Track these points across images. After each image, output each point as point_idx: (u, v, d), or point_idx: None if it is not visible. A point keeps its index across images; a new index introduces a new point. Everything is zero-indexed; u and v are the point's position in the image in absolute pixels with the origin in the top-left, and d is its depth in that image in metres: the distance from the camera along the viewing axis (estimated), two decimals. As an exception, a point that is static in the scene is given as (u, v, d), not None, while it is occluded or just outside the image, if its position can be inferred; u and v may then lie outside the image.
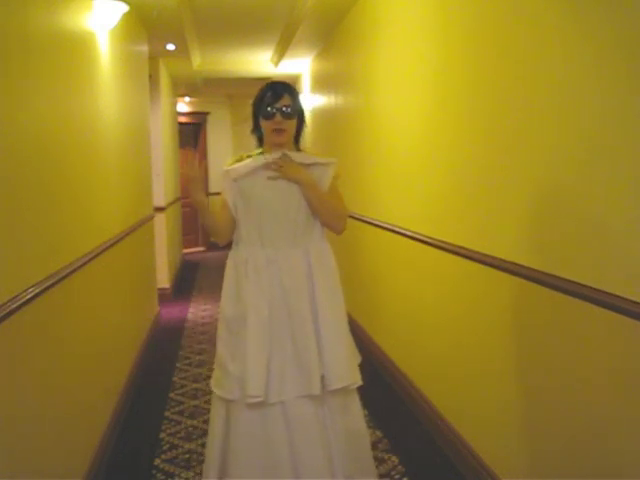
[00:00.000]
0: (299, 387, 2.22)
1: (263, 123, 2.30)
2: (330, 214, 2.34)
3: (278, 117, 2.26)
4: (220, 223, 2.38)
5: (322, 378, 2.22)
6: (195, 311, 6.37)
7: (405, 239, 3.71)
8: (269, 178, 2.29)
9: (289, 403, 2.22)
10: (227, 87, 9.92)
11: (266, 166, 2.30)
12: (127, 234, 4.07)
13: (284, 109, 2.26)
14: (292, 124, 2.31)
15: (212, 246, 10.88)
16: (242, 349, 2.24)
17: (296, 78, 8.42)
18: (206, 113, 11.18)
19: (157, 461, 3.11)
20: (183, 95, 10.25)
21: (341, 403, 2.31)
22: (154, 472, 3.00)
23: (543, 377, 2.19)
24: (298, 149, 2.39)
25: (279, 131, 2.28)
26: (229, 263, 2.37)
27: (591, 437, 1.93)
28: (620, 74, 1.74)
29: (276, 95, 2.26)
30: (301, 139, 2.41)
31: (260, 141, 2.39)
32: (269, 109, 2.26)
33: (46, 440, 2.27)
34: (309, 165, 2.33)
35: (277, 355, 2.23)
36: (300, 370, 2.22)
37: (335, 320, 2.30)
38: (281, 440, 2.21)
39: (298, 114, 2.33)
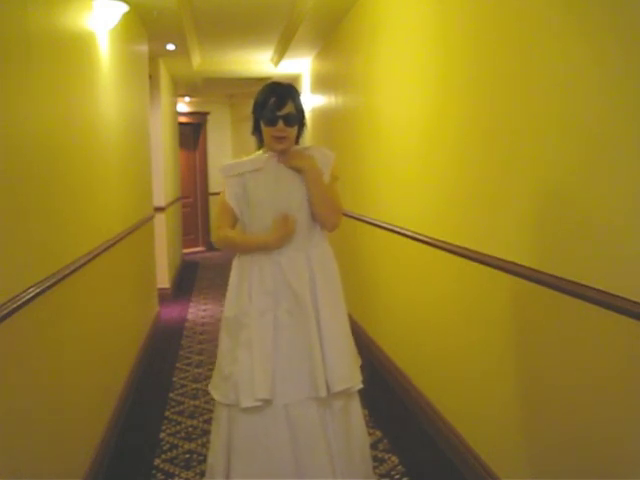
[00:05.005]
0: (303, 390, 2.22)
1: (265, 129, 2.27)
2: (327, 207, 2.31)
3: (281, 125, 2.23)
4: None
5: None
6: (195, 311, 6.37)
7: (405, 239, 3.71)
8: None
9: (292, 405, 2.22)
10: (227, 87, 9.91)
11: (269, 163, 2.30)
12: (127, 234, 4.07)
13: (287, 117, 2.23)
14: (294, 131, 2.28)
15: (212, 246, 10.88)
16: (240, 353, 2.24)
17: (296, 78, 8.41)
18: (206, 113, 11.17)
19: (157, 461, 3.11)
20: (183, 95, 10.25)
21: (342, 405, 2.31)
22: (154, 472, 3.00)
23: (543, 377, 2.19)
24: None
25: (281, 138, 2.25)
26: (234, 266, 2.37)
27: (592, 437, 1.92)
28: (620, 72, 1.74)
29: (280, 102, 2.22)
30: (300, 141, 2.40)
31: (260, 143, 2.38)
32: (272, 116, 2.22)
33: (46, 440, 2.27)
34: (311, 151, 2.33)
35: (281, 358, 2.23)
36: (304, 373, 2.22)
37: (337, 323, 2.30)
38: (284, 442, 2.21)
39: (300, 119, 2.30)
